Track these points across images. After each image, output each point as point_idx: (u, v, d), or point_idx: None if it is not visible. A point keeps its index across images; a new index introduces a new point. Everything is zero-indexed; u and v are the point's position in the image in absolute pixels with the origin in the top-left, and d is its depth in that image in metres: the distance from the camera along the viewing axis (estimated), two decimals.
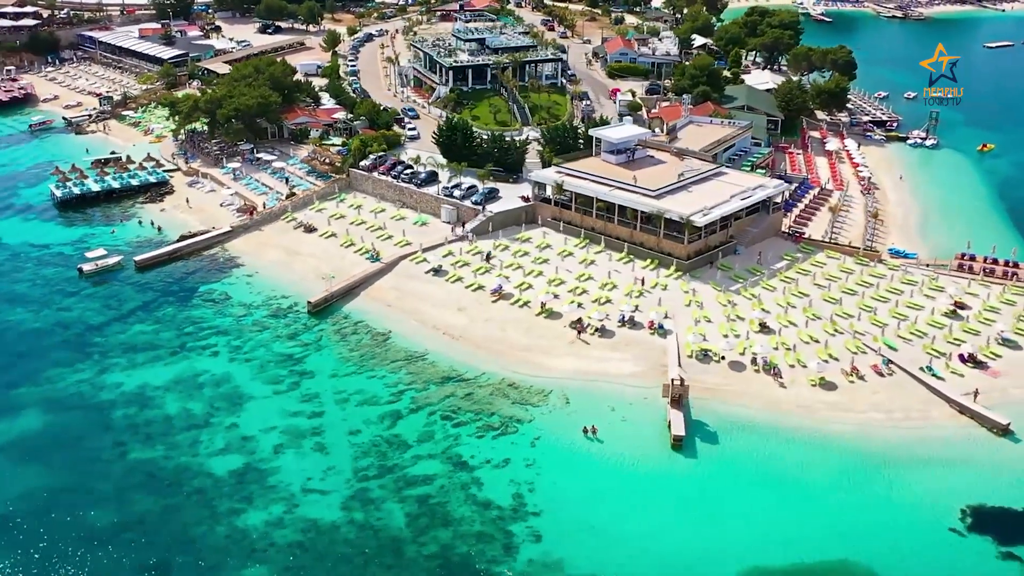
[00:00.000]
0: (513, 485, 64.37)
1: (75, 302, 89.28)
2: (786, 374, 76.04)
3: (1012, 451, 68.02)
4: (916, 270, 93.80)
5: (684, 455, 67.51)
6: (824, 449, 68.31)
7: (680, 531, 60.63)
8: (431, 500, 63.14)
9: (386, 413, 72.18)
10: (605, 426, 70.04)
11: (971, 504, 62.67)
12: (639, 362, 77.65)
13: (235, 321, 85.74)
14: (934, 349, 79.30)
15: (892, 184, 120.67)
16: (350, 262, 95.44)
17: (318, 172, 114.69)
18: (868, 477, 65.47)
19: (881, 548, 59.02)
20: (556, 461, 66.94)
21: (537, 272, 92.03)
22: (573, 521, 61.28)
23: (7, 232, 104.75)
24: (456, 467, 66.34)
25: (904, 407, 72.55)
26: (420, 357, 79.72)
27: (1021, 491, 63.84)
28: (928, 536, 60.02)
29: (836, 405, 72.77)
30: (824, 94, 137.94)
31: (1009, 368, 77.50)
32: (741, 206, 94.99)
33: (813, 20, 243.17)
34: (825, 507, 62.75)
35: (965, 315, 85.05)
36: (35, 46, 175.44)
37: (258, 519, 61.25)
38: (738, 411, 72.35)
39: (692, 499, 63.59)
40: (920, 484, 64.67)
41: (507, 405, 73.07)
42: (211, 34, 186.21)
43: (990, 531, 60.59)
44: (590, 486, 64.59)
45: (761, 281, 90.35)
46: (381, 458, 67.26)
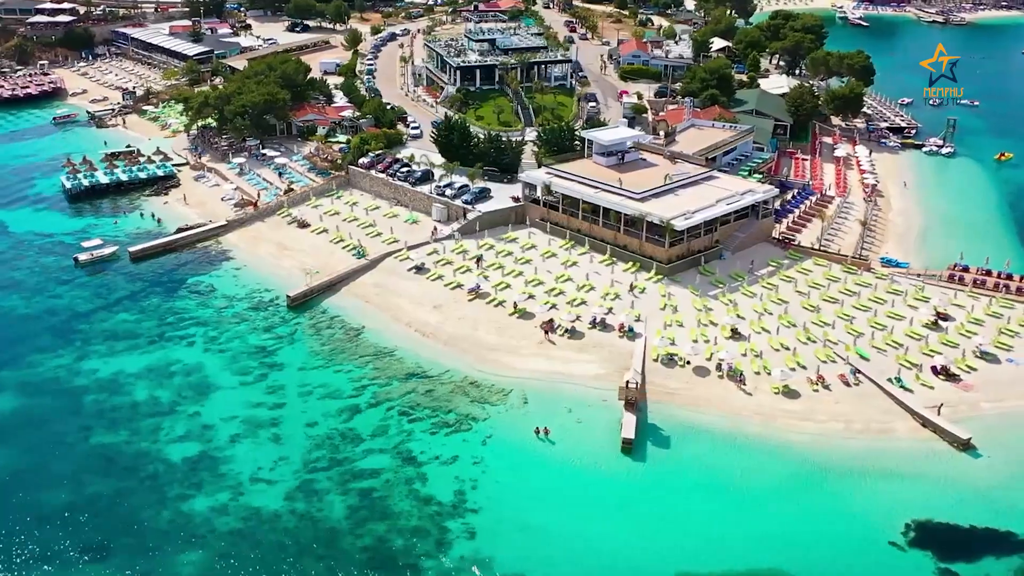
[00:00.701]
0: (457, 482, 64.94)
1: (67, 290, 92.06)
2: (750, 381, 75.41)
3: (969, 466, 66.64)
4: (904, 280, 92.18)
5: (633, 458, 67.40)
6: (777, 457, 67.68)
7: (616, 534, 60.48)
8: (374, 493, 64.04)
9: (345, 407, 73.26)
10: (558, 427, 70.25)
11: (917, 519, 61.65)
12: (604, 365, 77.61)
13: (216, 313, 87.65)
14: (907, 360, 77.96)
15: (898, 192, 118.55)
16: (337, 258, 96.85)
17: (319, 169, 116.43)
18: (816, 487, 64.73)
19: (816, 559, 58.47)
20: (504, 460, 67.35)
21: (517, 272, 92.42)
22: (510, 520, 61.67)
23: (16, 220, 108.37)
24: (404, 462, 67.13)
25: (865, 418, 71.49)
26: (388, 353, 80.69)
27: (970, 507, 62.58)
28: (866, 549, 59.16)
29: (796, 414, 71.99)
30: (838, 99, 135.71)
31: (983, 382, 75.89)
32: (725, 211, 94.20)
33: (849, 24, 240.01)
34: (767, 515, 62.19)
35: (946, 327, 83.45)
36: (70, 41, 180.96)
37: (203, 505, 62.72)
38: (696, 416, 71.98)
39: (633, 503, 63.45)
40: (868, 496, 63.75)
41: (465, 403, 73.64)
42: (240, 32, 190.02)
43: (931, 547, 59.56)
44: (533, 486, 64.90)
45: (741, 287, 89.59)
46: (333, 451, 68.34)
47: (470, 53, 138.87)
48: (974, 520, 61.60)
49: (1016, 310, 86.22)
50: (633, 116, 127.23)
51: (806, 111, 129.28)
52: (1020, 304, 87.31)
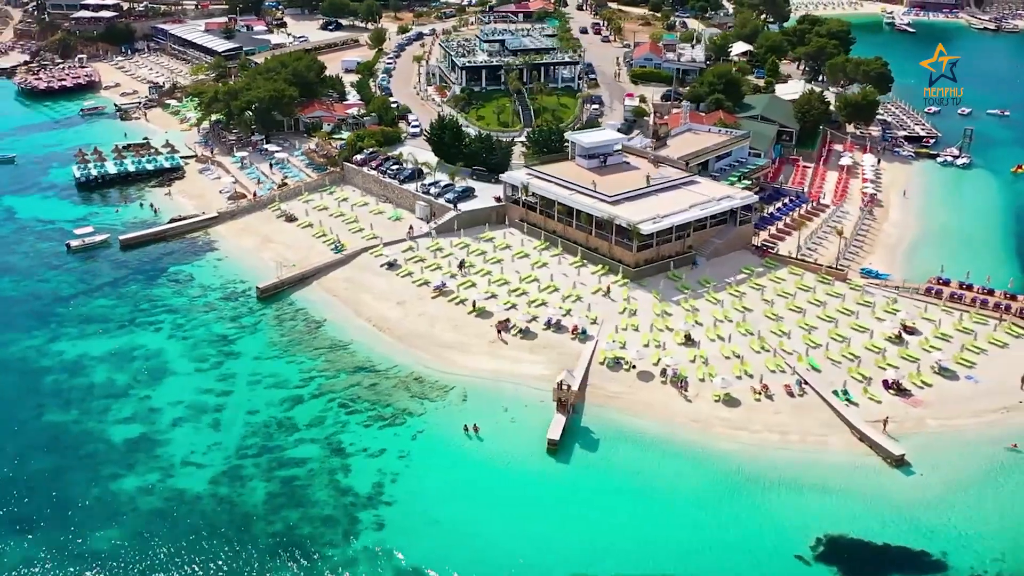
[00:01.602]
0: (379, 475, 66.10)
1: (55, 275, 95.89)
2: (693, 388, 74.91)
3: (898, 483, 65.28)
4: (879, 291, 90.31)
5: (557, 459, 67.67)
6: (703, 465, 67.20)
7: (522, 533, 60.92)
8: (296, 482, 65.58)
9: (289, 397, 75.05)
10: (491, 425, 70.86)
11: (831, 533, 60.65)
12: (550, 366, 77.78)
13: (188, 301, 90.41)
14: (860, 373, 76.53)
15: (898, 202, 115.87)
16: (316, 252, 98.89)
17: (315, 164, 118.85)
18: (737, 496, 64.10)
19: (715, 568, 57.97)
20: (430, 455, 68.27)
21: (485, 272, 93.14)
22: (421, 514, 62.52)
23: (24, 206, 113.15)
24: (333, 453, 68.56)
25: (803, 430, 70.49)
26: (343, 346, 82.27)
27: (889, 525, 61.30)
28: (769, 561, 58.49)
29: (732, 422, 71.32)
30: (850, 106, 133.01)
31: (936, 399, 74.13)
32: (696, 216, 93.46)
33: (896, 31, 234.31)
34: (679, 523, 61.88)
35: (910, 340, 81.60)
36: (111, 36, 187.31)
37: (131, 485, 65.06)
38: (631, 420, 71.88)
39: (547, 504, 63.69)
40: (787, 508, 62.95)
41: (405, 398, 74.76)
42: (275, 30, 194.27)
43: (837, 562, 58.62)
44: (452, 482, 65.61)
45: (707, 293, 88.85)
46: (267, 438, 70.14)
47: (479, 53, 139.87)
48: (889, 538, 60.36)
49: (988, 326, 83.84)
50: (634, 119, 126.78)
51: (813, 117, 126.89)
52: (994, 321, 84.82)
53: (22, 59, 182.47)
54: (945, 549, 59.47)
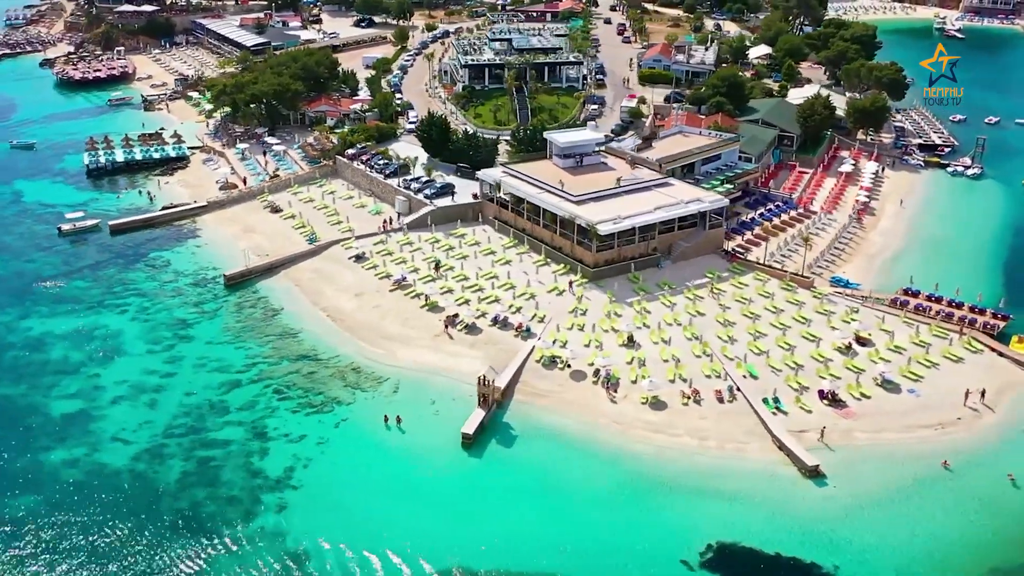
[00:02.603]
0: (293, 460, 67.73)
1: (42, 256, 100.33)
2: (623, 390, 74.71)
3: (807, 494, 64.23)
4: (841, 300, 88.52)
5: (469, 453, 68.36)
6: (616, 466, 67.10)
7: (420, 523, 61.65)
8: (212, 462, 67.64)
9: (228, 381, 77.27)
10: (415, 417, 71.88)
11: (723, 540, 60.11)
12: (487, 362, 78.22)
13: (159, 285, 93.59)
14: (797, 382, 75.29)
15: (893, 211, 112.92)
16: (292, 242, 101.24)
17: (310, 158, 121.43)
18: (641, 499, 63.88)
19: (597, 569, 57.92)
20: (347, 443, 69.68)
21: (448, 266, 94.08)
22: (324, 499, 63.94)
23: (31, 191, 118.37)
24: (255, 436, 70.46)
25: (724, 436, 69.72)
26: (293, 334, 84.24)
27: (787, 535, 60.50)
28: (654, 564, 58.23)
29: (654, 425, 70.96)
30: (858, 112, 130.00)
31: (871, 411, 72.59)
32: (660, 217, 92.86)
33: (944, 36, 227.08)
34: (575, 522, 61.88)
35: (860, 351, 79.86)
36: (151, 30, 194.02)
37: (58, 457, 67.98)
38: (553, 419, 72.12)
39: (449, 495, 64.42)
40: (685, 513, 62.50)
41: (338, 387, 76.26)
42: (309, 25, 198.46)
43: (722, 569, 58.09)
44: (362, 470, 66.89)
45: (662, 296, 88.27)
46: (197, 420, 72.42)
47: (486, 52, 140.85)
48: (783, 548, 59.46)
49: (947, 340, 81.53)
50: (631, 120, 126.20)
51: (815, 122, 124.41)
52: (954, 334, 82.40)
53: (68, 50, 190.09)
54: (839, 563, 58.39)
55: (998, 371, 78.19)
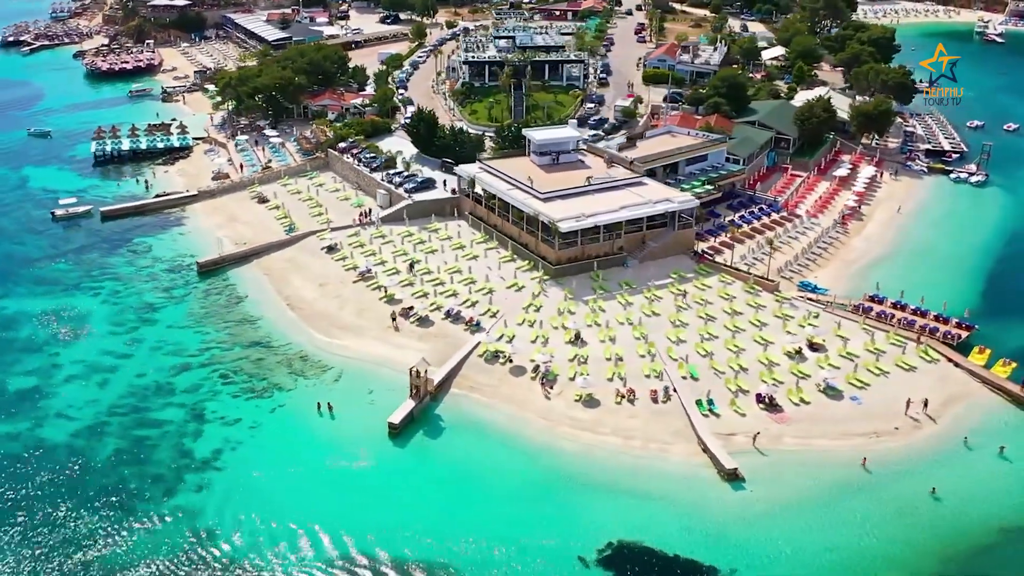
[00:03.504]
0: (223, 442, 69.45)
1: (33, 239, 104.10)
2: (559, 386, 74.85)
3: (722, 496, 63.76)
4: (803, 305, 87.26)
5: (394, 443, 69.33)
6: (536, 461, 67.36)
7: (333, 507, 62.69)
8: (146, 442, 69.69)
9: (179, 364, 79.39)
10: (348, 406, 73.03)
11: (625, 539, 60.03)
12: (432, 354, 79.01)
13: (136, 271, 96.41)
14: (737, 384, 74.58)
15: (886, 217, 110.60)
16: (272, 232, 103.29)
17: (304, 150, 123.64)
18: (552, 495, 64.01)
19: (495, 563, 58.30)
20: (279, 428, 71.15)
21: (415, 259, 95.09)
22: (244, 481, 65.46)
23: (37, 177, 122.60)
24: (193, 418, 72.35)
25: (650, 436, 69.48)
26: (251, 321, 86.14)
27: (691, 536, 60.14)
28: (550, 560, 58.34)
29: (582, 423, 70.99)
30: (861, 116, 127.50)
31: (807, 417, 71.63)
32: (625, 216, 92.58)
33: (984, 41, 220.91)
34: (486, 514, 62.32)
35: (810, 357, 78.73)
36: (183, 24, 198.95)
37: (2, 431, 70.61)
38: (484, 413, 72.68)
39: (367, 483, 65.38)
40: (594, 510, 62.38)
41: (283, 374, 77.84)
42: (336, 21, 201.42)
43: (616, 568, 58.08)
44: (286, 454, 68.12)
45: (619, 295, 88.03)
46: (141, 400, 74.67)
47: (491, 49, 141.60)
48: (684, 550, 59.14)
49: (902, 348, 79.96)
50: (624, 120, 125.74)
51: (812, 125, 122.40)
52: (912, 343, 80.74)
53: (103, 42, 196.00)
54: (736, 567, 57.87)
55: (950, 382, 76.44)
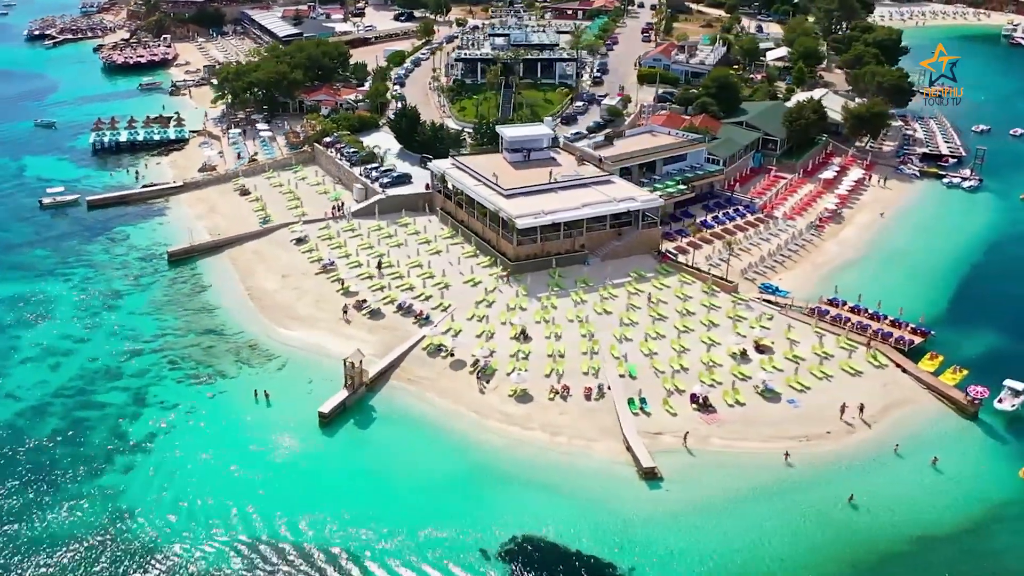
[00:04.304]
0: (158, 426, 70.97)
1: (19, 226, 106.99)
2: (496, 381, 75.21)
3: (636, 495, 63.74)
4: (758, 307, 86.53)
5: (324, 432, 70.26)
6: (460, 454, 67.81)
7: (251, 492, 63.79)
8: (85, 423, 71.39)
9: (132, 350, 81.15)
10: (286, 395, 74.09)
11: (531, 533, 60.30)
12: (377, 347, 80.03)
13: (110, 258, 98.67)
14: (674, 384, 74.27)
15: (867, 220, 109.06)
16: (248, 223, 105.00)
17: (291, 144, 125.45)
18: (470, 488, 64.45)
19: (398, 551, 58.90)
20: (214, 414, 72.44)
21: (379, 253, 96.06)
22: (169, 464, 66.79)
23: (35, 166, 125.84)
24: (134, 402, 74.01)
25: (576, 432, 69.59)
26: (209, 310, 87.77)
27: (597, 533, 60.15)
28: (451, 552, 58.73)
29: (511, 417, 71.30)
30: (854, 118, 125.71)
31: (740, 418, 71.23)
32: (585, 214, 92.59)
33: (1010, 45, 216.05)
34: (401, 505, 62.68)
35: (755, 358, 78.11)
36: (201, 20, 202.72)
37: None
38: (417, 405, 73.33)
39: (290, 469, 66.29)
40: (506, 504, 62.71)
41: (230, 362, 79.20)
42: (351, 18, 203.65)
43: (516, 561, 58.24)
44: (217, 439, 69.35)
45: (574, 293, 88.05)
46: (88, 383, 76.54)
47: (486, 46, 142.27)
48: (586, 546, 59.18)
49: (852, 352, 79.01)
50: (610, 119, 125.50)
51: (801, 127, 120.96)
52: (862, 347, 79.69)
53: (124, 36, 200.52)
54: (636, 565, 57.81)
55: (894, 388, 75.38)
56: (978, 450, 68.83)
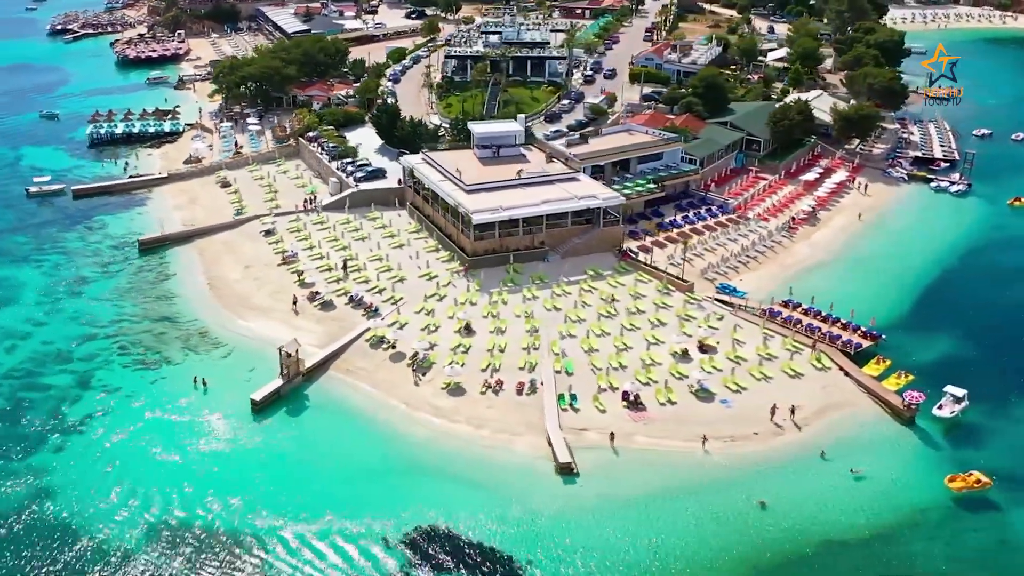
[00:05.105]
0: (97, 408, 72.39)
1: (3, 212, 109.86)
2: (432, 374, 75.66)
3: (550, 489, 63.72)
4: (710, 306, 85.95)
5: (255, 419, 71.22)
6: (384, 445, 68.39)
7: (175, 474, 64.96)
8: (25, 403, 73.17)
9: (87, 334, 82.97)
10: (225, 382, 75.20)
11: (437, 524, 60.53)
12: (323, 337, 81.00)
13: (84, 246, 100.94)
14: (609, 382, 74.13)
15: (844, 223, 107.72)
16: (223, 214, 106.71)
17: (278, 138, 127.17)
18: (386, 478, 64.81)
19: (304, 536, 59.64)
20: (152, 398, 73.69)
21: (342, 246, 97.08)
22: (99, 445, 68.15)
23: (32, 155, 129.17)
24: (78, 385, 75.64)
25: (500, 427, 69.78)
26: (168, 298, 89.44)
27: (503, 525, 60.38)
28: (356, 540, 59.22)
29: (440, 410, 71.70)
30: (843, 120, 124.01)
31: (670, 417, 70.86)
32: (544, 211, 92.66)
33: None
34: (315, 493, 63.20)
35: (696, 358, 77.65)
36: (216, 16, 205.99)
37: None
38: (352, 395, 74.13)
39: (214, 456, 67.31)
40: (421, 496, 62.69)
41: (178, 349, 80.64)
42: (364, 16, 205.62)
43: (415, 550, 58.65)
44: (149, 423, 70.62)
45: (526, 288, 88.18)
46: (38, 365, 78.41)
47: (478, 44, 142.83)
48: (488, 537, 59.41)
49: (798, 353, 78.21)
50: (594, 117, 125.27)
51: (784, 128, 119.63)
52: (808, 350, 78.83)
53: (141, 32, 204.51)
54: (535, 559, 57.85)
55: (834, 391, 74.42)
56: (907, 456, 67.70)
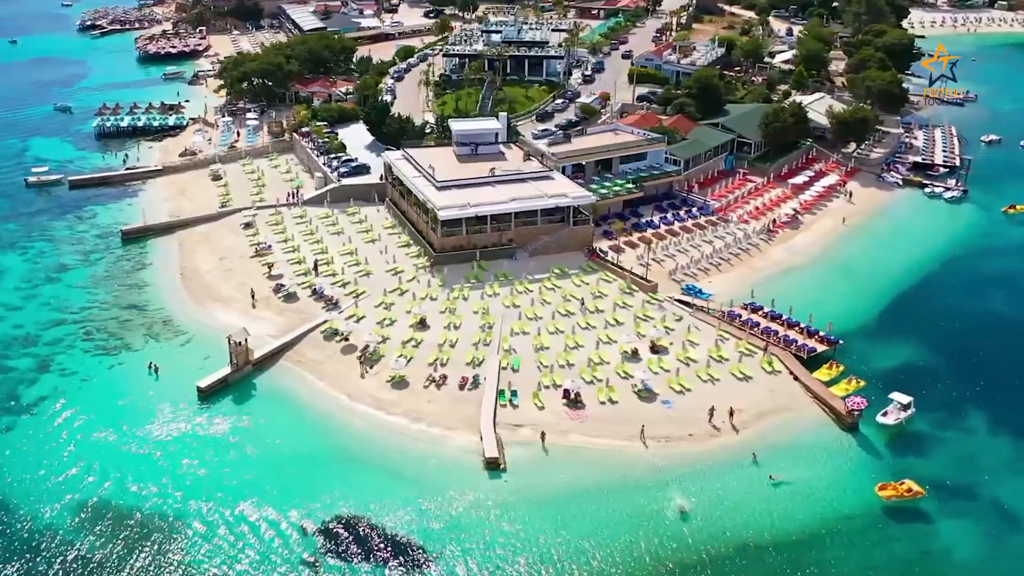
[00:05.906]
0: (52, 391, 74.27)
1: (1, 201, 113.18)
2: (379, 367, 76.42)
3: (474, 484, 63.94)
4: (671, 307, 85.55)
5: (200, 405, 72.51)
6: (321, 435, 69.17)
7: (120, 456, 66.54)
8: None
9: (56, 320, 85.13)
10: (178, 369, 76.48)
11: (355, 514, 61.09)
12: (282, 328, 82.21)
13: (70, 234, 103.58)
14: (552, 379, 74.25)
15: (827, 227, 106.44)
16: (210, 207, 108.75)
17: (273, 133, 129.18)
18: (316, 468, 65.44)
19: (223, 522, 60.74)
20: (106, 383, 75.53)
21: (316, 239, 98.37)
22: (45, 426, 69.86)
23: (39, 146, 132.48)
24: (38, 368, 77.75)
25: (438, 421, 70.22)
26: (140, 287, 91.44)
27: (422, 517, 60.82)
28: (274, 526, 60.16)
29: (380, 402, 72.41)
30: (839, 123, 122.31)
31: (608, 416, 70.75)
32: (510, 208, 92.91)
33: None
34: (246, 481, 64.32)
35: (645, 358, 77.39)
36: (239, 13, 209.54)
37: None
38: (297, 385, 75.12)
39: (154, 439, 68.71)
40: (346, 486, 63.32)
41: (139, 336, 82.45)
42: (382, 14, 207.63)
43: (328, 538, 59.28)
44: (100, 406, 72.13)
45: (488, 286, 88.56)
46: (4, 348, 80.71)
47: (479, 43, 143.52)
48: (406, 528, 59.93)
49: (750, 356, 77.61)
50: (584, 117, 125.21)
51: (775, 131, 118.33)
52: (759, 352, 78.18)
53: (166, 28, 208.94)
54: (444, 552, 58.26)
55: (780, 394, 73.77)
56: (842, 462, 66.74)
